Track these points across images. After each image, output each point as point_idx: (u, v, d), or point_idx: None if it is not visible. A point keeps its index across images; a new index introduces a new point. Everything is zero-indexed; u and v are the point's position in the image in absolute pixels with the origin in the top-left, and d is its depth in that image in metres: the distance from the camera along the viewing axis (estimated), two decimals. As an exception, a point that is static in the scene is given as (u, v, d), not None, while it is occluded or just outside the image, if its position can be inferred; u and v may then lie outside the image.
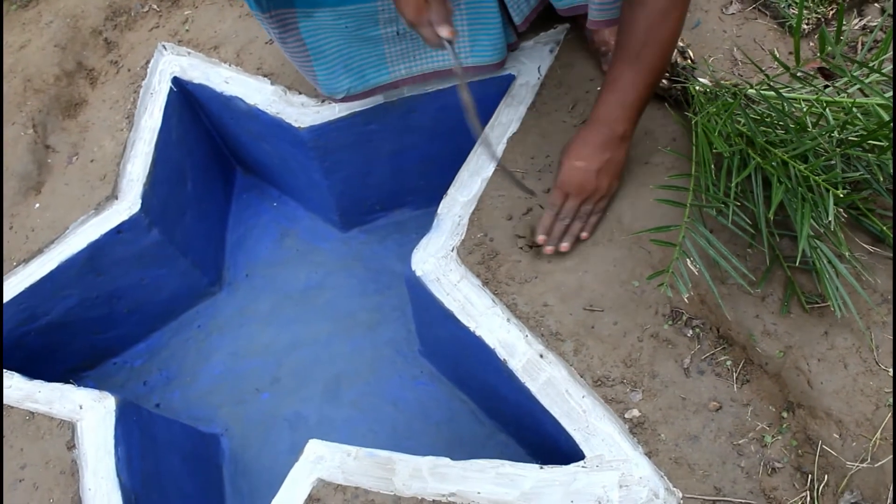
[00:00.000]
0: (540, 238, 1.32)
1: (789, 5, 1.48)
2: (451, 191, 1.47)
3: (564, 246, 1.31)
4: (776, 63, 1.39)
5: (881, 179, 1.06)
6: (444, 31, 1.17)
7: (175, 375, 1.91)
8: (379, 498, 1.17)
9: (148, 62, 1.90)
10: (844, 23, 1.44)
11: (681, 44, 1.42)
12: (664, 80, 1.38)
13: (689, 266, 1.14)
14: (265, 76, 1.78)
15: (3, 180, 1.77)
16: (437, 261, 1.39)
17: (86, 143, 1.83)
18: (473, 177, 1.47)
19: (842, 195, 0.98)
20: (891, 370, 1.07)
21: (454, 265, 1.38)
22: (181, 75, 1.85)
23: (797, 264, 1.10)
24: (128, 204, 1.68)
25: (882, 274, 1.14)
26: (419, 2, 1.15)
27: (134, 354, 1.96)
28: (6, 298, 1.61)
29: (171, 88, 1.84)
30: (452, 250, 1.40)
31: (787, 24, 1.46)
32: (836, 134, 1.13)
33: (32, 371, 1.52)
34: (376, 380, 1.81)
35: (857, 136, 1.11)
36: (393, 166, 1.84)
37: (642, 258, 1.29)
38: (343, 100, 1.51)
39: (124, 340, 1.95)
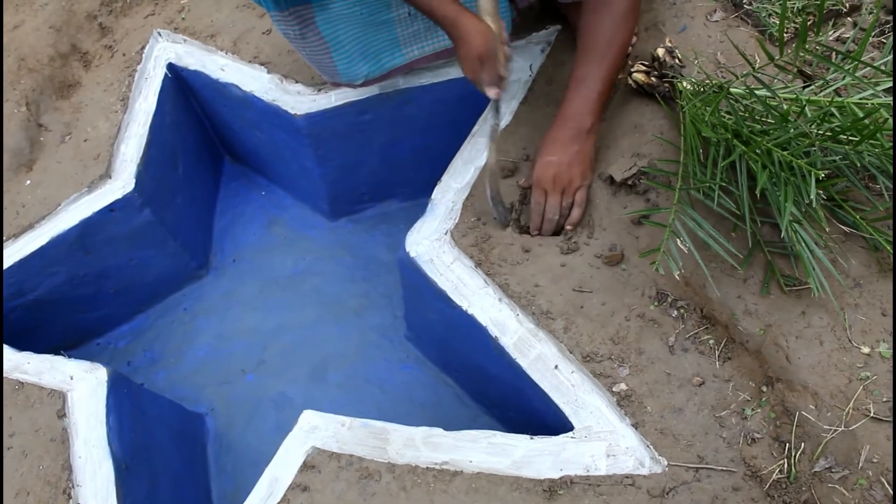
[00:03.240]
0: (533, 234, 1.42)
1: (770, 15, 1.57)
2: (444, 178, 1.53)
3: (545, 235, 1.42)
4: (759, 63, 1.47)
5: (858, 165, 1.14)
6: (491, 93, 1.32)
7: (159, 357, 1.92)
8: (373, 465, 1.20)
9: (143, 48, 1.93)
10: (820, 34, 1.53)
11: (669, 44, 1.50)
12: (653, 77, 1.45)
13: (680, 245, 1.20)
14: (262, 65, 1.82)
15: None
16: (430, 243, 1.44)
17: (79, 123, 1.84)
18: (467, 165, 1.53)
19: (822, 176, 1.05)
20: (862, 347, 1.14)
21: (448, 247, 1.43)
22: (176, 62, 1.88)
23: (781, 239, 1.18)
24: (121, 183, 1.70)
25: (854, 260, 1.21)
26: (475, 66, 1.30)
27: (118, 335, 1.96)
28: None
29: (165, 74, 1.87)
30: (446, 233, 1.44)
31: (768, 32, 1.55)
32: (814, 128, 1.20)
33: (16, 347, 1.52)
34: (363, 363, 1.85)
35: (831, 132, 1.18)
36: (385, 157, 1.88)
37: (630, 244, 1.35)
38: (362, 85, 1.56)
39: (109, 321, 1.96)
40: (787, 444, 1.12)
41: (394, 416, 1.74)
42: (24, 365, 1.48)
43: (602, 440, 1.19)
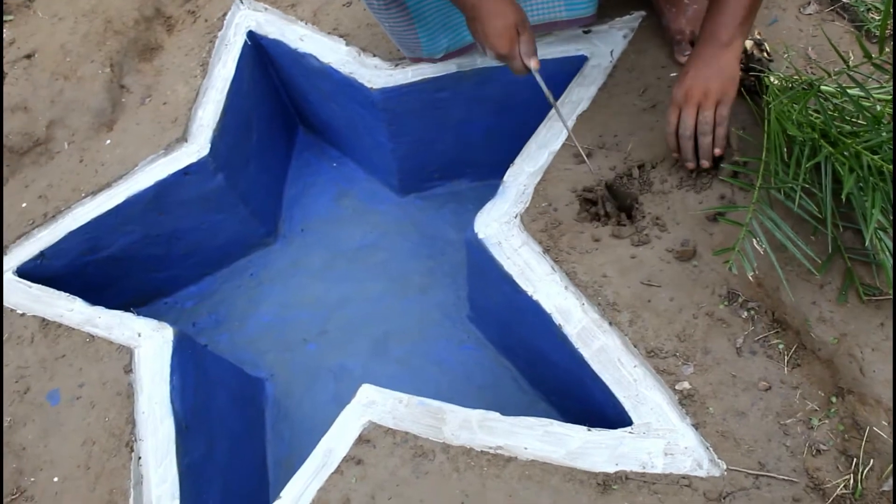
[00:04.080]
0: (675, 156, 1.37)
1: (868, 9, 1.50)
2: (518, 161, 1.51)
3: (704, 163, 1.33)
4: (854, 61, 1.41)
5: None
6: (533, 63, 1.29)
7: (224, 319, 1.96)
8: (428, 444, 1.21)
9: (225, 14, 1.95)
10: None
11: (757, 36, 1.45)
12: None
13: (755, 245, 1.17)
14: (340, 37, 1.82)
15: (78, 115, 1.83)
16: (499, 225, 1.43)
17: (159, 86, 1.88)
18: (541, 149, 1.51)
19: (916, 184, 1.01)
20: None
21: (517, 231, 1.42)
22: (256, 30, 1.90)
23: (863, 246, 1.13)
24: (197, 147, 1.73)
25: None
26: (512, 37, 1.27)
27: (185, 296, 2.01)
28: (74, 227, 1.67)
29: (245, 41, 1.89)
30: (516, 217, 1.43)
31: (865, 27, 1.48)
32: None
33: (89, 301, 1.57)
34: (423, 340, 1.85)
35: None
36: (458, 135, 1.87)
37: (703, 240, 1.32)
38: (441, 59, 1.55)
39: (177, 281, 2.00)
40: (855, 459, 1.08)
41: (451, 394, 1.74)
42: (96, 319, 1.53)
43: (661, 438, 1.17)
